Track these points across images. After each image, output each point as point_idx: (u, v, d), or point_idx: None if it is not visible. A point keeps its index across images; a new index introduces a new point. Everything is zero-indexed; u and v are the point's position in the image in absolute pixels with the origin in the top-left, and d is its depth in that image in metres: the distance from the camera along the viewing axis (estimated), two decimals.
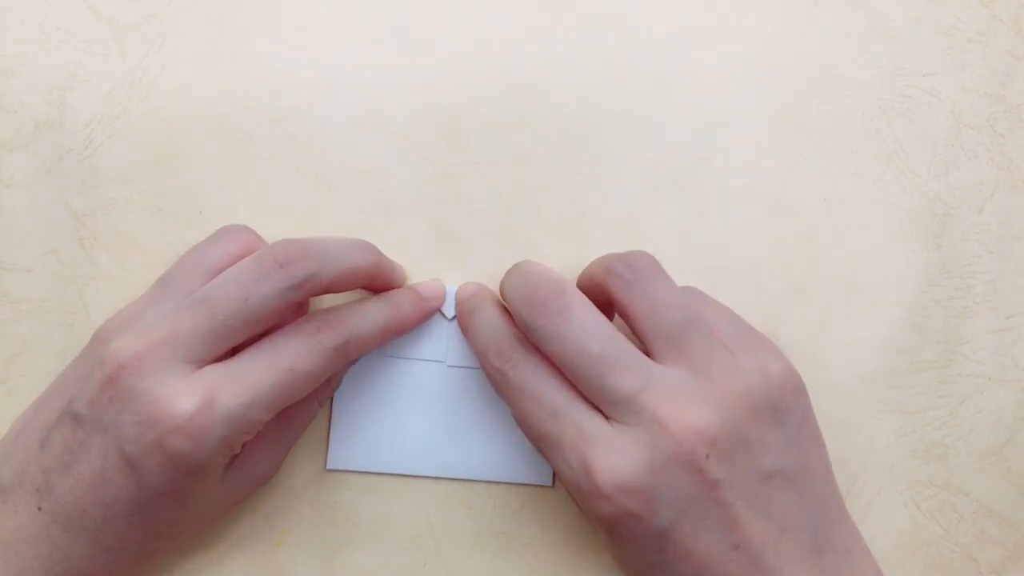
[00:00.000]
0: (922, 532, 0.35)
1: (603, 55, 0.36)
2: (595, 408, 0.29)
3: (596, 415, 0.29)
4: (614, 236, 0.36)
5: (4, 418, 0.34)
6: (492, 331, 0.32)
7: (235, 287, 0.30)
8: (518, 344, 0.31)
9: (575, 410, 0.29)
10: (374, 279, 0.33)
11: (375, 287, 0.34)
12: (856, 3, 0.36)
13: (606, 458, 0.28)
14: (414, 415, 0.35)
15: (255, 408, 0.29)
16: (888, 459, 0.35)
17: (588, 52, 0.36)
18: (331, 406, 0.35)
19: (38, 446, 0.30)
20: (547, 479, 0.35)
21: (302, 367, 0.30)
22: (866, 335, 0.35)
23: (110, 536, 0.30)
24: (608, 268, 0.31)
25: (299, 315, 0.33)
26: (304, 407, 0.34)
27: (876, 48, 0.36)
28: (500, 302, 0.33)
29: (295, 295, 0.30)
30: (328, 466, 0.35)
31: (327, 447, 0.35)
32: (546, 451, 0.30)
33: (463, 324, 0.33)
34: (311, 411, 0.34)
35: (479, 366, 0.34)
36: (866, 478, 0.35)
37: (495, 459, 0.35)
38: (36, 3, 0.36)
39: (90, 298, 0.35)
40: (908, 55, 0.36)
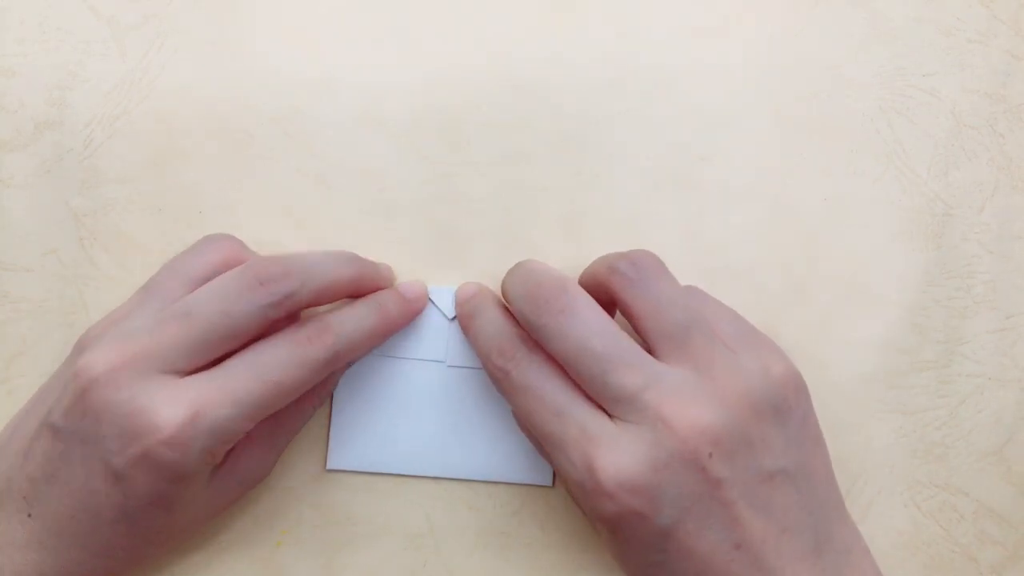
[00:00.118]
0: (922, 532, 0.35)
1: (603, 55, 0.36)
2: (598, 407, 0.29)
3: (600, 414, 0.29)
4: (614, 236, 0.36)
5: (4, 418, 0.34)
6: (495, 331, 0.32)
7: (216, 302, 0.30)
8: (521, 344, 0.31)
9: (579, 409, 0.29)
10: (357, 289, 0.33)
11: (359, 295, 0.34)
12: (856, 3, 0.36)
13: (610, 456, 0.28)
14: (414, 415, 0.35)
15: (239, 419, 0.29)
16: (888, 459, 0.35)
17: (588, 52, 0.36)
18: (330, 406, 0.35)
19: (22, 455, 0.30)
20: (547, 479, 0.35)
21: (288, 380, 0.30)
22: (866, 335, 0.35)
23: (100, 542, 0.30)
24: (612, 267, 0.31)
25: (291, 322, 0.32)
26: (298, 410, 0.34)
27: (876, 48, 0.36)
28: (501, 302, 0.33)
29: (275, 312, 0.30)
30: (328, 466, 0.35)
31: (327, 447, 0.35)
32: (549, 451, 0.29)
33: (464, 325, 0.33)
34: (305, 414, 0.34)
35: (479, 366, 0.35)
36: (866, 478, 0.35)
37: (495, 459, 0.35)
38: (36, 3, 0.36)
39: (90, 298, 0.35)
40: (908, 55, 0.36)
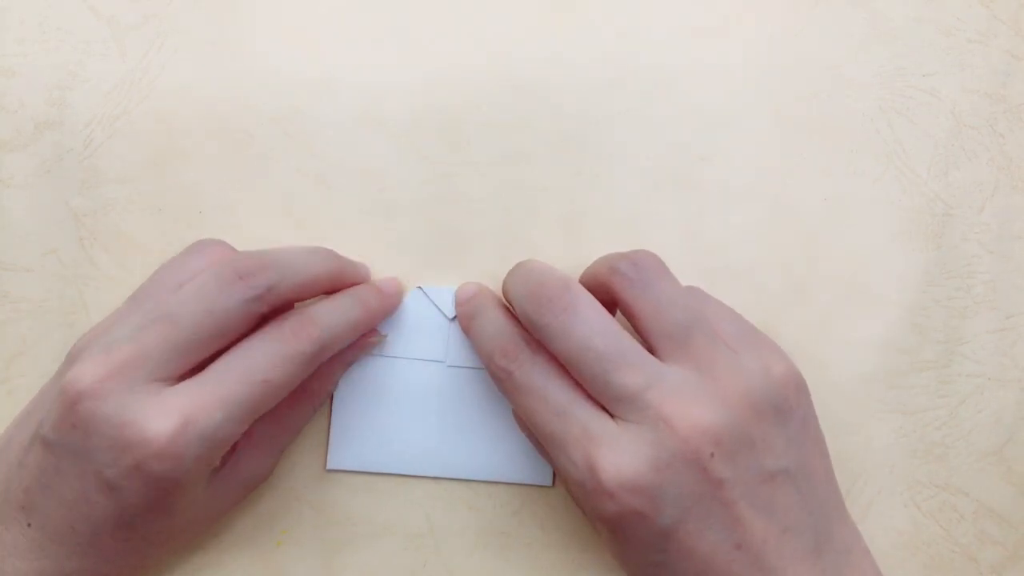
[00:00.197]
0: (922, 532, 0.35)
1: (603, 55, 0.36)
2: (600, 407, 0.29)
3: (602, 414, 0.29)
4: (614, 236, 0.36)
5: (4, 418, 0.34)
6: (496, 332, 0.31)
7: (197, 301, 0.30)
8: (524, 344, 0.31)
9: (581, 409, 0.29)
10: (336, 285, 0.33)
11: (338, 291, 0.33)
12: (856, 3, 0.36)
13: (611, 456, 0.28)
14: (414, 415, 0.35)
15: (231, 424, 0.29)
16: (888, 459, 0.35)
17: (588, 52, 0.36)
18: (331, 406, 0.35)
19: (17, 466, 0.30)
20: (547, 479, 0.35)
21: (276, 377, 0.30)
22: (866, 335, 0.35)
23: (102, 549, 0.30)
24: (613, 267, 0.31)
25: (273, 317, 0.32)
26: (297, 411, 0.34)
27: (876, 48, 0.36)
28: (502, 302, 0.33)
29: (258, 306, 0.30)
30: (328, 466, 0.35)
31: (327, 447, 0.35)
32: (550, 450, 0.29)
33: (465, 325, 0.33)
34: (305, 415, 0.34)
35: (479, 366, 0.35)
36: (866, 478, 0.35)
37: (495, 459, 0.35)
38: (36, 3, 0.36)
39: (90, 298, 0.35)
40: (908, 55, 0.36)
